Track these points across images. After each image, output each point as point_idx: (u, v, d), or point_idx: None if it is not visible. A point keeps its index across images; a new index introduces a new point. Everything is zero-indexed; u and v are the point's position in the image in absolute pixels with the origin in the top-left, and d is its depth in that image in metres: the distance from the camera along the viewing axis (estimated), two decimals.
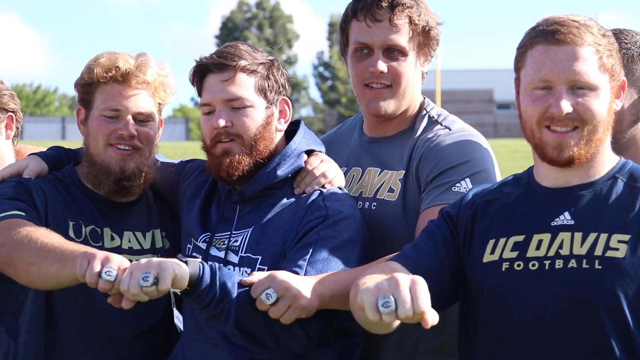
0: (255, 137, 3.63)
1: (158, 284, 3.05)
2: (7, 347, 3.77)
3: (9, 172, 3.86)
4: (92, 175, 3.83)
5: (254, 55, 3.68)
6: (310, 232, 3.53)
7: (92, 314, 3.73)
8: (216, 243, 3.68)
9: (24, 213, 3.62)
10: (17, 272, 3.47)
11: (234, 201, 3.71)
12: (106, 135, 3.78)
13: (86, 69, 3.81)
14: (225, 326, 3.34)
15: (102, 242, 3.78)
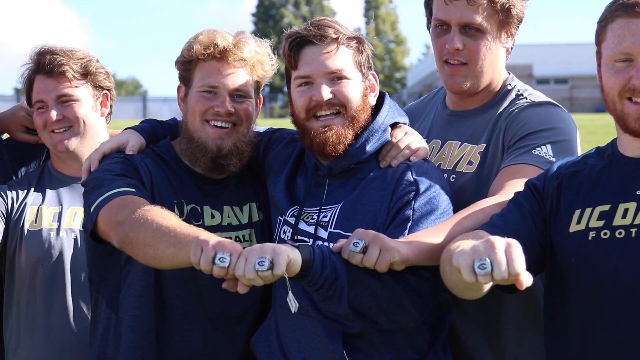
0: (357, 109, 3.65)
1: (273, 268, 3.08)
2: (108, 319, 3.84)
3: (109, 146, 3.88)
4: (189, 152, 3.85)
5: (346, 29, 3.70)
6: (404, 208, 3.55)
7: (199, 291, 3.78)
8: (305, 217, 3.70)
9: (135, 190, 3.65)
10: (134, 252, 3.50)
11: (321, 176, 3.73)
12: (203, 112, 3.79)
13: (186, 46, 3.83)
14: (339, 307, 3.39)
15: (202, 220, 3.82)
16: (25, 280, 4.25)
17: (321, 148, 3.65)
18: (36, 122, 4.32)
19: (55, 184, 4.38)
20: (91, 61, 4.32)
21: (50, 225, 4.28)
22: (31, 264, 4.23)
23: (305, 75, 3.66)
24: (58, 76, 4.26)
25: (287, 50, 3.69)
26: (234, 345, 3.86)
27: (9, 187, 4.34)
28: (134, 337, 3.79)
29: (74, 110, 4.29)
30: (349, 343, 3.56)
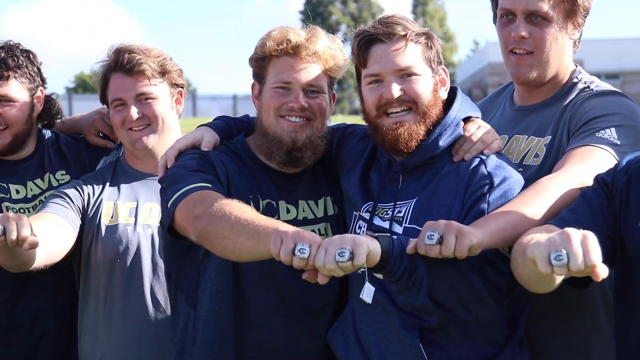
0: (428, 105, 3.66)
1: (353, 259, 3.09)
2: (187, 314, 3.88)
3: (185, 143, 3.92)
4: (264, 146, 3.89)
5: (414, 25, 3.71)
6: (478, 201, 3.56)
7: (277, 285, 3.81)
8: (379, 213, 3.72)
9: (211, 185, 3.69)
10: (212, 246, 3.53)
11: (395, 171, 3.75)
12: (277, 108, 3.82)
13: (259, 43, 3.87)
14: (418, 298, 3.40)
15: (278, 215, 3.85)
16: (102, 276, 4.31)
17: (393, 145, 3.67)
18: (114, 119, 4.35)
19: (130, 180, 4.43)
20: (166, 59, 4.36)
21: (127, 220, 4.33)
22: (108, 259, 4.28)
23: (374, 73, 3.69)
24: (137, 74, 4.28)
25: (356, 49, 3.72)
26: (312, 339, 3.89)
27: (84, 181, 4.39)
28: (211, 332, 3.84)
29: (153, 108, 4.32)
30: (426, 337, 3.58)
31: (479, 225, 3.35)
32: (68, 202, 4.27)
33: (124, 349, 4.30)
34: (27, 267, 3.99)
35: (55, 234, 4.06)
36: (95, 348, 4.35)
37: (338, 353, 3.80)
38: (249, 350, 3.85)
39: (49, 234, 3.93)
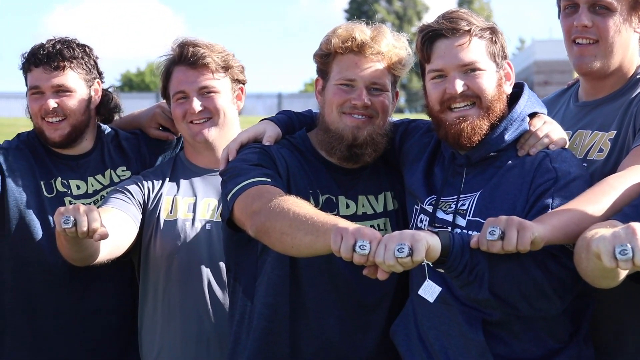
0: (492, 99, 3.67)
1: (413, 254, 3.12)
2: (244, 306, 3.92)
3: (247, 136, 3.98)
4: (325, 142, 3.92)
5: (478, 20, 3.71)
6: (542, 196, 3.55)
7: (334, 280, 3.84)
8: (442, 206, 3.72)
9: (270, 180, 3.72)
10: (271, 241, 3.57)
11: (459, 165, 3.75)
12: (340, 104, 3.86)
13: (324, 40, 3.90)
14: (479, 293, 3.41)
15: (337, 210, 3.88)
16: (161, 270, 4.33)
17: (456, 139, 3.68)
18: (175, 112, 4.38)
19: (189, 175, 4.45)
20: (229, 55, 4.38)
21: (186, 215, 4.35)
22: (166, 253, 4.31)
23: (438, 68, 3.70)
24: (201, 68, 4.31)
25: (420, 44, 3.73)
26: (368, 334, 3.91)
27: (144, 177, 4.42)
28: (266, 324, 3.87)
29: (215, 101, 4.34)
30: (489, 331, 3.58)
31: (541, 220, 3.35)
32: (129, 197, 4.31)
33: (182, 343, 4.33)
34: (92, 261, 4.03)
35: (117, 228, 4.09)
36: (154, 342, 4.38)
37: (400, 348, 3.81)
38: (304, 344, 3.88)
39: (111, 228, 3.97)
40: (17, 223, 4.36)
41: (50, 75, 4.40)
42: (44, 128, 4.44)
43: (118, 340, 4.48)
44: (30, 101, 4.45)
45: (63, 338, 4.40)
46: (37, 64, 4.40)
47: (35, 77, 4.42)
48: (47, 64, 4.39)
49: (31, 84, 4.43)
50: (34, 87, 4.41)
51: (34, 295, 4.39)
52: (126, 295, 4.47)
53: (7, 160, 4.43)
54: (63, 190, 4.44)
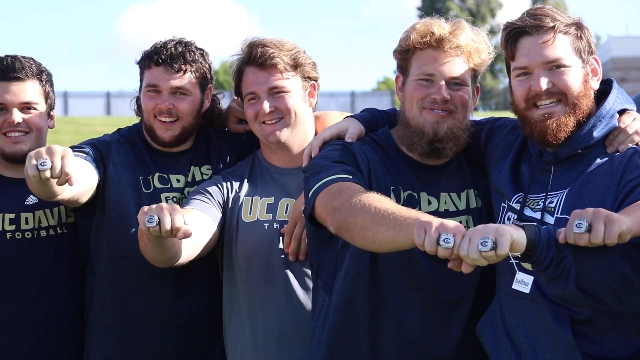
0: (578, 96, 3.64)
1: (496, 248, 3.10)
2: (323, 301, 3.95)
3: (330, 133, 4.01)
4: (406, 137, 3.93)
5: (563, 16, 3.68)
6: (632, 191, 3.50)
7: (415, 277, 3.83)
8: (530, 204, 3.69)
9: (352, 177, 3.74)
10: (352, 237, 3.57)
11: (546, 162, 3.72)
12: (420, 99, 3.87)
13: (403, 36, 3.91)
14: (566, 287, 3.38)
15: (419, 206, 3.87)
16: (242, 271, 4.34)
17: (542, 136, 3.66)
18: (247, 113, 4.39)
19: (266, 175, 4.46)
20: (299, 52, 4.38)
21: (265, 216, 4.35)
22: (247, 255, 4.32)
23: (522, 66, 3.68)
24: (270, 68, 4.31)
25: (504, 42, 3.72)
26: (449, 331, 3.90)
27: (223, 177, 4.43)
28: (343, 319, 3.88)
29: (286, 101, 4.33)
30: (577, 329, 3.53)
31: (629, 213, 3.31)
32: (209, 198, 4.33)
33: (264, 345, 4.34)
34: (174, 262, 4.06)
35: (198, 229, 4.11)
36: (237, 343, 4.40)
37: (487, 346, 3.78)
38: (384, 339, 3.88)
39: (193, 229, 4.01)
40: (116, 215, 4.41)
41: (170, 76, 4.44)
42: (156, 126, 4.48)
43: (204, 338, 4.49)
44: (145, 98, 4.48)
45: (152, 332, 4.45)
46: (158, 63, 4.44)
47: (154, 76, 4.46)
48: (168, 64, 4.43)
49: (149, 82, 4.47)
50: (152, 86, 4.46)
51: (127, 288, 4.44)
52: (213, 293, 4.48)
53: (109, 152, 4.47)
54: (160, 186, 4.48)
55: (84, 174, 4.22)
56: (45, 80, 4.54)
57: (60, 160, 3.69)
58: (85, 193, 4.29)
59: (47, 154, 3.69)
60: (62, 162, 3.69)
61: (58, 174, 3.68)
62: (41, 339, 4.44)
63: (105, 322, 4.47)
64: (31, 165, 3.69)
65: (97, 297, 4.49)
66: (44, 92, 4.53)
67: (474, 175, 4.05)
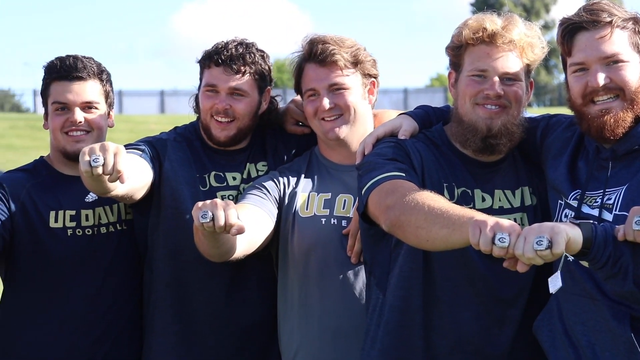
0: (636, 91, 3.61)
1: (552, 247, 3.08)
2: (376, 299, 3.96)
3: (383, 131, 4.03)
4: (459, 134, 3.93)
5: (620, 10, 3.65)
6: None
7: (470, 274, 3.83)
8: (588, 201, 3.66)
9: (405, 174, 3.74)
10: (405, 235, 3.57)
11: (604, 158, 3.69)
12: (473, 95, 3.87)
13: (456, 32, 3.92)
14: (624, 285, 3.35)
15: (473, 203, 3.87)
16: (298, 266, 4.36)
17: (599, 132, 3.64)
18: (307, 109, 4.41)
19: (324, 171, 4.48)
20: (360, 49, 4.39)
21: (322, 212, 4.37)
22: (303, 250, 4.34)
23: (579, 62, 3.66)
24: (330, 65, 4.33)
25: (561, 37, 3.70)
26: (504, 329, 3.89)
27: (280, 173, 4.46)
28: (398, 317, 3.89)
29: (345, 98, 4.35)
30: (637, 328, 3.50)
31: None
32: (265, 193, 4.35)
33: (320, 340, 4.35)
34: (228, 257, 4.08)
35: (253, 224, 4.14)
36: (293, 338, 4.42)
37: (544, 344, 3.77)
38: (438, 337, 3.89)
39: (248, 224, 4.05)
40: (172, 212, 4.46)
41: (229, 77, 4.47)
42: (212, 126, 4.52)
43: (262, 333, 4.53)
44: (203, 97, 4.53)
45: (210, 327, 4.49)
46: (218, 64, 4.47)
47: (213, 76, 4.49)
48: (228, 65, 4.46)
49: (208, 82, 4.51)
50: (211, 85, 4.50)
51: (185, 284, 4.49)
52: (269, 289, 4.51)
53: (165, 150, 4.52)
54: (216, 184, 4.52)
55: (139, 171, 4.28)
56: (106, 80, 4.61)
57: (112, 157, 3.73)
58: (139, 190, 4.35)
59: (101, 150, 3.74)
60: (115, 159, 3.73)
61: (110, 171, 3.73)
62: (102, 334, 4.51)
63: (163, 319, 4.52)
64: (84, 161, 3.74)
65: (154, 293, 4.55)
66: (105, 91, 4.60)
67: (529, 172, 4.03)
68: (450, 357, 3.89)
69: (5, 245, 4.25)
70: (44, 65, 4.58)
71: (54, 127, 4.54)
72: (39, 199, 4.50)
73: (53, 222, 4.48)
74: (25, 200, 4.49)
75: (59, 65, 4.53)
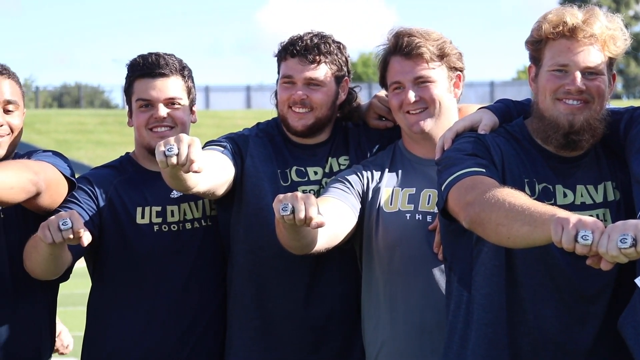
0: None
1: (637, 245, 3.03)
2: (459, 296, 3.93)
3: (463, 125, 4.00)
4: (540, 130, 3.89)
5: None
6: None
7: (551, 270, 3.79)
8: None
9: (485, 170, 3.72)
10: (485, 232, 3.55)
11: None
12: (554, 90, 3.82)
13: (535, 26, 3.87)
14: None
15: (555, 199, 3.83)
16: (383, 261, 4.36)
17: None
18: (391, 103, 4.42)
19: (408, 165, 4.47)
20: (446, 42, 4.38)
21: (406, 207, 4.36)
22: (388, 245, 4.33)
23: None
24: (416, 58, 4.33)
25: None
26: (586, 326, 3.84)
27: (364, 167, 4.46)
28: (485, 315, 3.85)
29: (431, 91, 4.35)
30: None
31: None
32: (348, 187, 4.36)
33: (405, 336, 4.34)
34: (309, 250, 4.10)
35: (336, 218, 4.15)
36: (377, 333, 4.41)
37: (629, 341, 3.71)
38: (521, 335, 3.84)
39: (330, 218, 4.04)
40: (253, 208, 4.49)
41: (304, 67, 4.50)
42: (289, 116, 4.54)
43: (343, 328, 4.54)
44: (280, 89, 4.56)
45: (290, 322, 4.51)
46: (294, 55, 4.51)
47: (289, 67, 4.53)
48: (303, 56, 4.49)
49: (284, 73, 4.54)
50: (287, 77, 4.53)
51: (265, 279, 4.52)
52: (350, 283, 4.52)
53: (247, 146, 4.56)
54: (297, 179, 4.55)
55: (220, 168, 4.34)
56: (187, 76, 4.66)
57: (186, 147, 3.75)
58: (221, 186, 4.38)
59: (175, 141, 3.77)
60: (189, 149, 3.76)
61: (184, 161, 3.75)
62: (188, 329, 4.56)
63: (244, 313, 4.56)
64: (159, 151, 3.77)
65: (235, 288, 4.58)
66: (187, 87, 4.65)
67: (612, 166, 3.97)
68: (533, 355, 3.85)
69: (94, 241, 4.30)
70: (126, 64, 4.65)
71: (138, 123, 4.60)
72: (126, 196, 4.58)
73: (140, 218, 4.55)
74: (113, 196, 4.57)
75: (141, 62, 4.59)
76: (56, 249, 4.13)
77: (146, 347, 4.52)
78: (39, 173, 4.25)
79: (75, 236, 3.98)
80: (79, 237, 3.98)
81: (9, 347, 4.44)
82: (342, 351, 4.54)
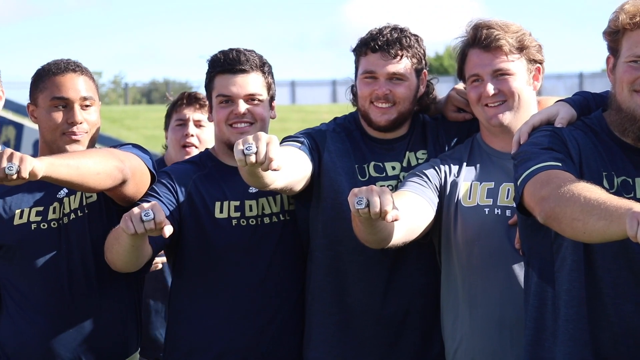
0: None
1: None
2: (542, 292, 3.88)
3: (539, 119, 3.96)
4: (618, 122, 3.83)
5: None
6: None
7: (631, 265, 3.74)
8: None
9: (561, 164, 3.68)
10: (561, 227, 3.52)
11: None
12: (631, 82, 3.76)
13: (612, 17, 3.81)
14: None
15: (634, 192, 3.77)
16: (462, 256, 4.35)
17: None
18: (470, 95, 4.41)
19: (486, 159, 4.45)
20: (525, 35, 4.36)
21: (485, 201, 4.35)
22: (467, 240, 4.32)
23: None
24: (494, 50, 4.31)
25: None
26: None
27: (442, 160, 4.46)
28: (568, 311, 3.81)
29: (510, 84, 4.33)
30: None
31: None
32: (426, 180, 4.36)
33: (484, 332, 4.33)
34: (386, 244, 4.10)
35: (412, 212, 4.15)
36: (456, 328, 4.41)
37: None
38: (602, 330, 3.79)
39: (407, 211, 4.03)
40: (331, 203, 4.51)
41: (387, 62, 4.51)
42: (371, 112, 4.56)
43: (421, 323, 4.54)
44: (361, 84, 4.57)
45: (369, 317, 4.52)
46: (375, 50, 4.52)
47: (370, 62, 4.54)
48: (385, 50, 4.51)
49: (366, 69, 4.55)
50: (369, 72, 4.54)
51: (343, 274, 4.53)
52: (429, 277, 4.52)
53: (325, 141, 4.58)
54: (375, 175, 4.56)
55: (297, 163, 4.36)
56: (267, 72, 4.69)
57: (265, 145, 3.77)
58: (298, 182, 4.41)
59: (254, 140, 3.79)
60: (267, 147, 3.77)
61: (262, 160, 3.76)
62: (267, 323, 4.59)
63: (323, 308, 4.57)
64: (237, 150, 3.79)
65: (314, 283, 4.60)
66: (267, 83, 4.68)
67: None
68: (614, 350, 3.80)
69: (174, 235, 4.35)
70: (207, 60, 4.68)
71: (218, 119, 4.64)
72: (205, 190, 4.62)
73: (218, 213, 4.59)
74: (192, 191, 4.61)
75: (222, 59, 4.63)
76: (137, 240, 4.18)
77: (226, 340, 4.57)
78: (124, 161, 4.30)
79: (157, 227, 4.03)
80: (160, 228, 4.04)
81: (96, 342, 4.52)
82: (421, 346, 4.54)
